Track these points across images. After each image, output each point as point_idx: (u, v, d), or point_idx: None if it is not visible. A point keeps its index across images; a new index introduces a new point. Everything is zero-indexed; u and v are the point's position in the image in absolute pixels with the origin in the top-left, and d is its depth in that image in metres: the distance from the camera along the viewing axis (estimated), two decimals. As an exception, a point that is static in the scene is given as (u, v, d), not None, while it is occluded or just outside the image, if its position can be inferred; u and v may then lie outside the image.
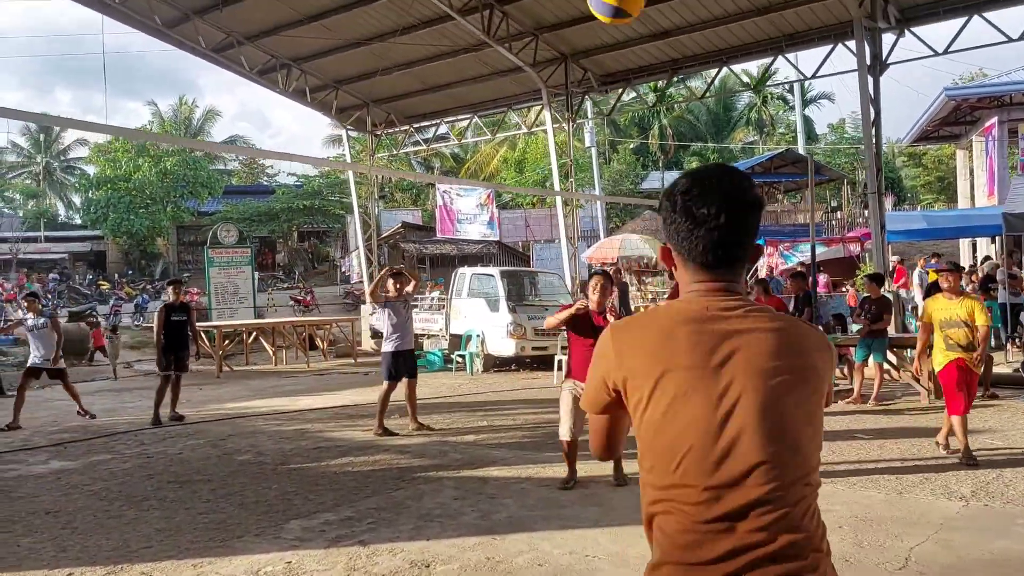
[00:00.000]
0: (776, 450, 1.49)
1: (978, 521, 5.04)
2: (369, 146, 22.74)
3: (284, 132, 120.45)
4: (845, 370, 11.39)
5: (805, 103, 41.93)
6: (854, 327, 11.21)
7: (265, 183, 44.13)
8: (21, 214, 43.56)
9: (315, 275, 36.51)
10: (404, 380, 8.77)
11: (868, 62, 13.35)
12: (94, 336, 17.54)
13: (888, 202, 34.41)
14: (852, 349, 10.37)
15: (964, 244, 25.45)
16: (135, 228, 32.97)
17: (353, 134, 23.88)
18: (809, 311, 10.60)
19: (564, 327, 6.50)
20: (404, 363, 8.83)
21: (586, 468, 6.69)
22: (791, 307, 11.04)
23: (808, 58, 16.00)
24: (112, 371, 15.85)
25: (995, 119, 22.87)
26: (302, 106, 21.16)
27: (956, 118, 25.96)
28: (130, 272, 36.85)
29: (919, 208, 39.18)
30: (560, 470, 6.59)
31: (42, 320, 10.25)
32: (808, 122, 43.57)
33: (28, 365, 10.33)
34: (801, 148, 35.00)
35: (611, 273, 13.70)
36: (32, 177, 47.70)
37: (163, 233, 35.59)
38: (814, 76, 15.24)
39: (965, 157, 28.08)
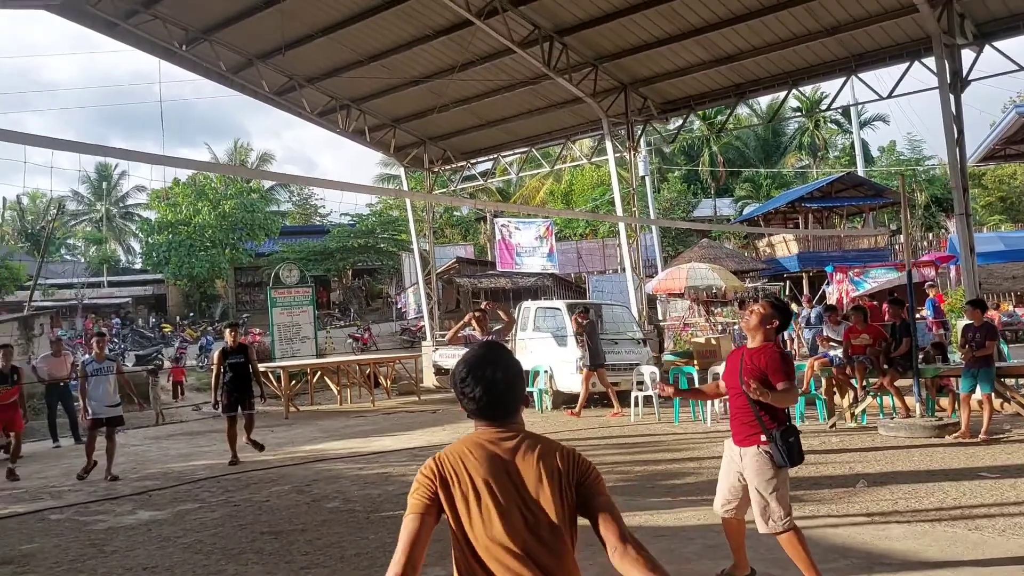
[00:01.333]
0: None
1: None
2: (427, 183, 22.74)
3: (330, 174, 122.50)
4: (945, 402, 10.80)
5: (860, 125, 41.13)
6: (955, 356, 10.64)
7: (318, 223, 44.67)
8: (84, 260, 44.68)
9: (369, 312, 36.63)
10: None
11: (948, 80, 12.86)
12: (174, 373, 17.65)
13: (951, 224, 33.39)
14: (956, 380, 9.80)
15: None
16: (195, 271, 33.47)
17: (409, 171, 23.93)
18: (909, 341, 10.07)
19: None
20: None
21: (701, 515, 6.29)
22: (889, 335, 10.53)
23: (873, 78, 15.59)
24: (157, 415, 15.81)
25: (1071, 135, 22.02)
26: (347, 149, 21.33)
27: (1025, 136, 25.10)
28: (191, 314, 37.39)
29: (985, 230, 37.98)
30: (671, 517, 6.21)
31: (106, 363, 9.75)
32: (863, 144, 42.74)
33: (91, 417, 9.50)
34: (860, 171, 34.29)
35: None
36: (92, 224, 48.99)
37: (222, 275, 36.09)
38: (891, 95, 14.75)
39: (1036, 175, 27.09)
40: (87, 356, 9.81)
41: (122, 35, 17.69)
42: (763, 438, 4.36)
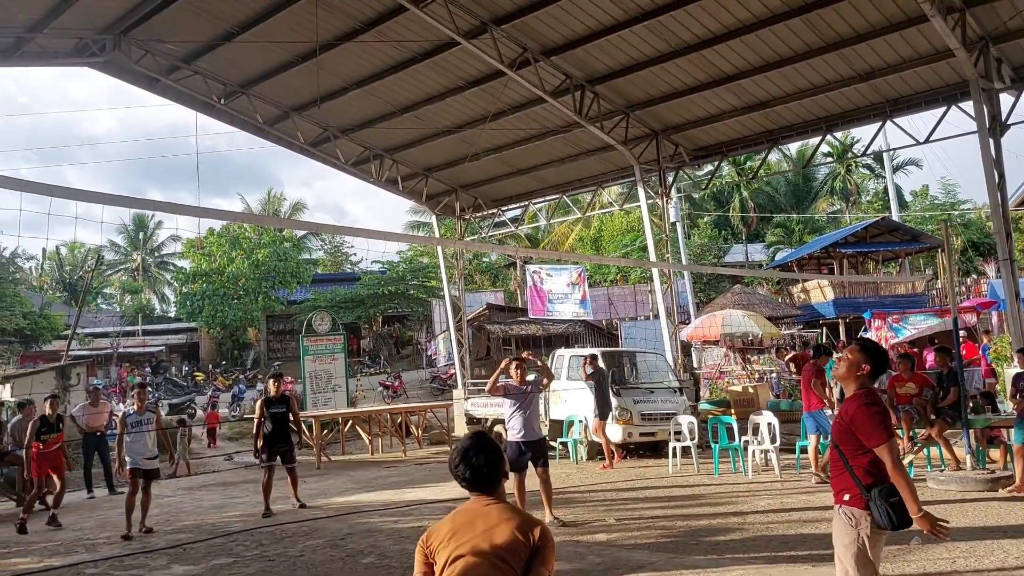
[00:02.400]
0: None
1: None
2: (458, 230, 22.86)
3: (360, 222, 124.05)
4: (996, 454, 10.41)
5: (893, 170, 40.80)
6: (1005, 405, 10.29)
7: (349, 271, 45.05)
8: (120, 309, 45.40)
9: (399, 359, 36.61)
10: (535, 469, 8.48)
11: (987, 124, 12.70)
12: (209, 419, 17.66)
13: (990, 269, 32.74)
14: (1008, 431, 9.45)
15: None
16: (228, 319, 33.79)
17: (441, 218, 24.08)
18: (957, 390, 9.77)
19: None
20: (534, 452, 8.46)
21: (749, 574, 6.06)
22: (936, 383, 10.24)
23: (907, 122, 15.40)
24: (183, 465, 15.73)
25: (1114, 176, 21.59)
26: (376, 197, 21.66)
27: (1065, 178, 24.68)
28: (223, 363, 37.66)
29: (1024, 274, 37.21)
30: (720, 577, 5.98)
31: (146, 415, 9.56)
32: (896, 190, 42.35)
33: (130, 467, 9.33)
34: (895, 215, 33.91)
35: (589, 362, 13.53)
36: (128, 273, 49.88)
37: (254, 323, 36.40)
38: (927, 140, 14.59)
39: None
40: (129, 408, 9.65)
41: (163, 90, 18.16)
42: (846, 497, 3.89)
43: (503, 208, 22.47)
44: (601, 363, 13.96)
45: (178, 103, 18.55)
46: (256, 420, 10.46)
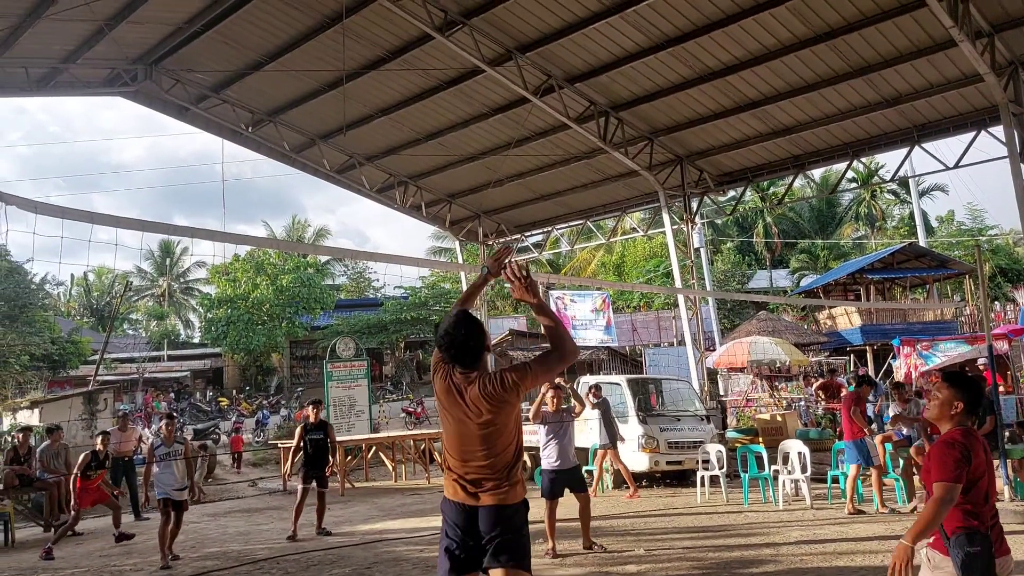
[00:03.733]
0: None
1: None
2: (481, 256, 22.91)
3: (382, 248, 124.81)
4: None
5: (920, 195, 40.46)
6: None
7: (372, 296, 45.22)
8: (146, 335, 45.82)
9: (421, 385, 36.54)
10: (577, 495, 8.55)
11: (1018, 148, 12.57)
12: (233, 443, 17.69)
13: (1019, 295, 32.21)
14: (1048, 461, 9.21)
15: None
16: (253, 344, 33.96)
17: (464, 244, 24.13)
18: (993, 419, 9.56)
19: None
20: (568, 480, 8.53)
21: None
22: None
23: (934, 147, 15.27)
24: (197, 490, 15.66)
25: None
26: (398, 222, 21.81)
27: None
28: (247, 388, 37.80)
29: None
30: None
31: (175, 447, 9.37)
32: (923, 215, 41.95)
33: (160, 497, 9.17)
34: (922, 241, 33.55)
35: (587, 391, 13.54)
36: (155, 299, 50.40)
37: (278, 348, 36.55)
38: (957, 166, 14.45)
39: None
40: (157, 439, 9.57)
41: (192, 118, 18.46)
42: (932, 538, 3.59)
43: (526, 233, 22.51)
44: (604, 393, 13.93)
45: (207, 131, 18.86)
46: (295, 444, 10.72)
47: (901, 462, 10.58)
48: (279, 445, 17.60)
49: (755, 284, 42.31)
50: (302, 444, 10.57)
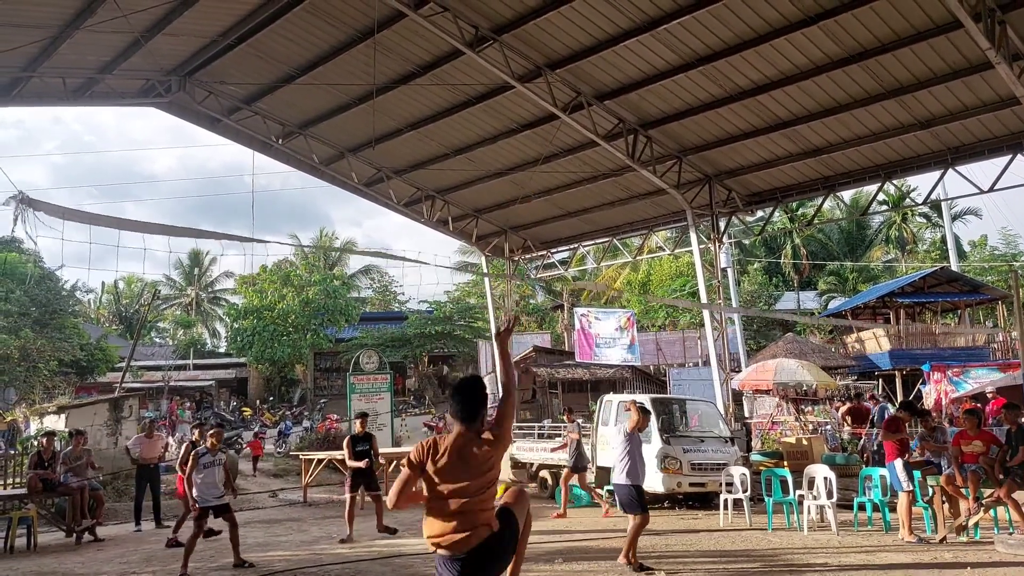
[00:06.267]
0: None
1: None
2: (508, 271, 22.90)
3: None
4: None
5: (952, 218, 39.86)
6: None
7: (397, 310, 45.39)
8: (173, 343, 46.32)
9: (444, 400, 36.51)
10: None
11: (1056, 172, 12.32)
12: (252, 448, 17.77)
13: (1055, 321, 31.52)
14: (1085, 494, 8.93)
15: None
16: (277, 355, 34.18)
17: (489, 259, 24.11)
18: (1025, 449, 9.29)
19: None
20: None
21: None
22: (1004, 441, 9.79)
23: (968, 170, 15.01)
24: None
25: None
26: (424, 236, 21.87)
27: None
28: (270, 398, 38.02)
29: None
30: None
31: (219, 456, 9.50)
32: (955, 239, 41.29)
33: (201, 506, 9.24)
34: (954, 265, 33.03)
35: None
36: (182, 308, 50.98)
37: (302, 360, 36.75)
38: (992, 189, 14.19)
39: None
40: (202, 447, 9.64)
41: (223, 130, 18.68)
42: None
43: (552, 250, 22.47)
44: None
45: (237, 142, 19.09)
46: (347, 455, 11.58)
47: (930, 491, 10.32)
48: (301, 456, 17.62)
49: (782, 305, 41.85)
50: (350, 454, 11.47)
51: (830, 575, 8.05)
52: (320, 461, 16.70)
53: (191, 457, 9.52)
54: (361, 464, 11.44)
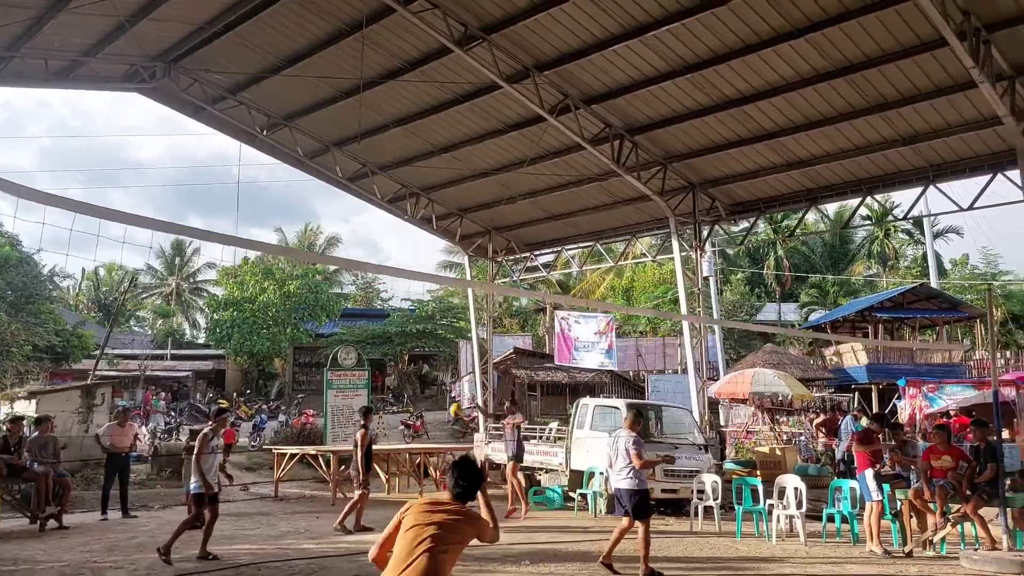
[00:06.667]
0: None
1: None
2: (490, 272, 22.85)
3: (394, 259, 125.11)
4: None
5: (934, 236, 40.19)
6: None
7: (379, 307, 45.20)
8: (151, 332, 45.89)
9: (423, 399, 36.43)
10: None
11: (1034, 192, 12.45)
12: (226, 436, 17.59)
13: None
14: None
15: None
16: (256, 348, 33.93)
17: (472, 259, 24.04)
18: (993, 467, 9.37)
19: None
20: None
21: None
22: (973, 458, 9.86)
23: (950, 188, 15.15)
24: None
25: None
26: (412, 235, 21.82)
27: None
28: (247, 391, 37.75)
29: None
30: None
31: (218, 441, 9.86)
32: (936, 257, 41.65)
33: (196, 492, 9.38)
34: (934, 282, 33.30)
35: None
36: (163, 298, 50.56)
37: (281, 353, 36.51)
38: (971, 207, 14.29)
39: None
40: (209, 431, 9.69)
41: (208, 119, 18.54)
42: None
43: (536, 252, 22.45)
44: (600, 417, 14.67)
45: (222, 132, 18.94)
46: (362, 451, 11.69)
47: (899, 504, 10.38)
48: (273, 451, 17.50)
49: (763, 316, 42.07)
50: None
51: (795, 585, 8.07)
52: (293, 456, 16.59)
53: (200, 439, 9.55)
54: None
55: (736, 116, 14.77)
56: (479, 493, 4.39)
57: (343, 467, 16.67)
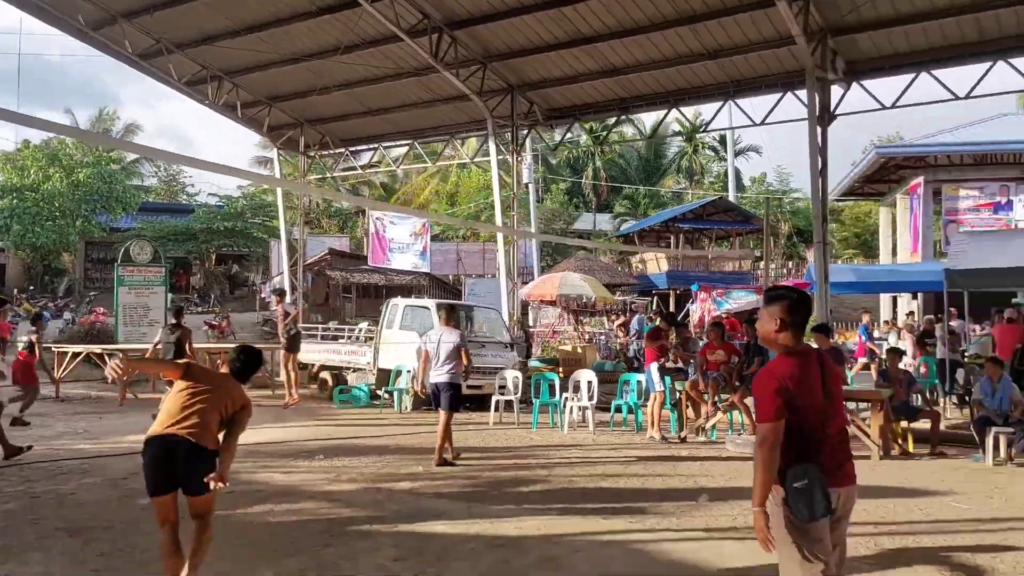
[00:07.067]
0: None
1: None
2: (301, 168, 21.80)
3: (206, 152, 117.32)
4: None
5: (735, 154, 42.88)
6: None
7: (184, 202, 42.23)
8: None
9: (232, 300, 34.90)
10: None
11: (817, 112, 13.36)
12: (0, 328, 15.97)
13: (810, 254, 35.22)
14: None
15: (885, 299, 26.08)
16: (40, 241, 30.80)
17: (284, 154, 22.80)
18: (760, 360, 10.26)
19: None
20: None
21: (542, 524, 6.04)
22: (743, 353, 10.75)
23: (749, 105, 16.12)
24: None
25: (921, 179, 23.59)
26: (225, 127, 20.24)
27: (881, 176, 26.79)
28: (31, 288, 34.47)
29: (840, 263, 40.33)
30: (511, 527, 5.94)
31: None
32: (736, 172, 44.61)
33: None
34: (732, 196, 35.70)
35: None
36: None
37: (70, 248, 33.38)
38: (763, 123, 15.21)
39: (888, 215, 28.94)
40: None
41: (-35, -29, 15.94)
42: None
43: (352, 148, 21.63)
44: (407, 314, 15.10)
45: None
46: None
47: (678, 395, 11.20)
48: (53, 349, 16.14)
49: (580, 226, 43.53)
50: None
51: (578, 469, 8.53)
52: (77, 355, 15.39)
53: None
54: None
55: (554, 18, 14.63)
56: (228, 438, 4.62)
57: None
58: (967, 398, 11.99)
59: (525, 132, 18.50)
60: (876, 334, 18.41)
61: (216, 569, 4.89)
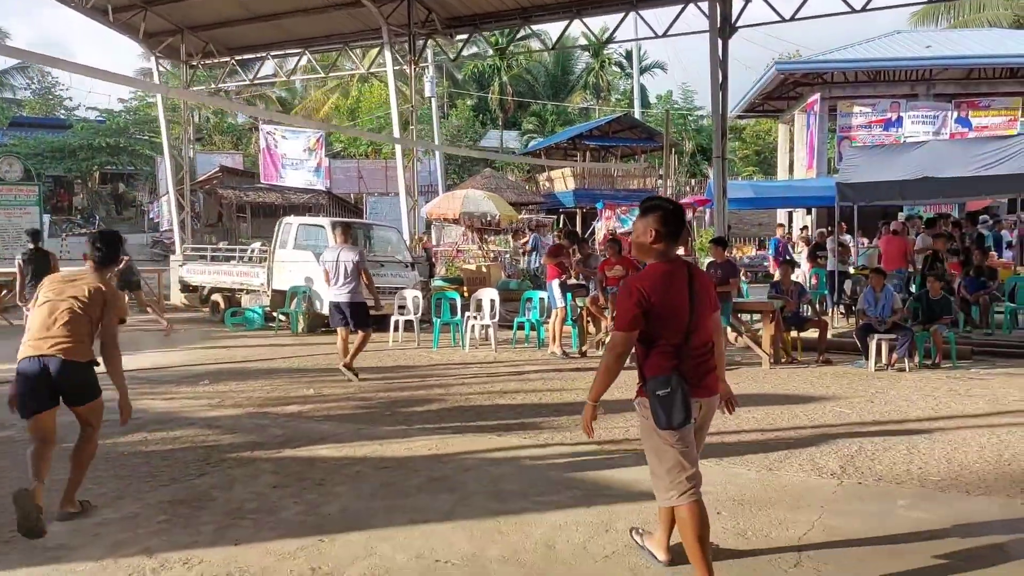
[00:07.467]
0: None
1: (857, 503, 4.68)
2: (183, 78, 20.36)
3: (84, 62, 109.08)
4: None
5: (641, 71, 42.70)
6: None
7: (62, 116, 39.24)
8: None
9: (120, 221, 33.03)
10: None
11: (718, 24, 13.17)
12: None
13: (712, 171, 35.83)
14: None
15: (781, 214, 26.82)
16: None
17: (165, 65, 21.20)
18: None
19: None
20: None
21: (433, 444, 5.86)
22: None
23: (655, 18, 15.77)
24: None
25: (818, 95, 23.98)
26: (108, 38, 18.51)
27: (780, 93, 27.15)
28: None
29: (740, 179, 41.24)
30: (401, 447, 5.74)
31: None
32: (642, 90, 44.54)
33: None
34: (637, 113, 35.65)
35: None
36: None
37: (-69, 166, 30.66)
38: (665, 35, 14.93)
39: (786, 132, 29.50)
40: None
41: None
42: (640, 385, 3.40)
43: (238, 57, 20.29)
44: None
45: None
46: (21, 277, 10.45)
47: (579, 310, 11.16)
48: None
49: (486, 142, 42.85)
50: None
51: (475, 387, 8.39)
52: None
53: None
54: None
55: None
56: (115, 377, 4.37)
57: (4, 292, 14.65)
58: (853, 307, 12.42)
59: (423, 42, 17.70)
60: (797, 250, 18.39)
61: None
